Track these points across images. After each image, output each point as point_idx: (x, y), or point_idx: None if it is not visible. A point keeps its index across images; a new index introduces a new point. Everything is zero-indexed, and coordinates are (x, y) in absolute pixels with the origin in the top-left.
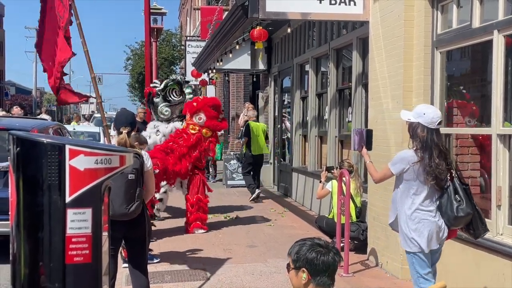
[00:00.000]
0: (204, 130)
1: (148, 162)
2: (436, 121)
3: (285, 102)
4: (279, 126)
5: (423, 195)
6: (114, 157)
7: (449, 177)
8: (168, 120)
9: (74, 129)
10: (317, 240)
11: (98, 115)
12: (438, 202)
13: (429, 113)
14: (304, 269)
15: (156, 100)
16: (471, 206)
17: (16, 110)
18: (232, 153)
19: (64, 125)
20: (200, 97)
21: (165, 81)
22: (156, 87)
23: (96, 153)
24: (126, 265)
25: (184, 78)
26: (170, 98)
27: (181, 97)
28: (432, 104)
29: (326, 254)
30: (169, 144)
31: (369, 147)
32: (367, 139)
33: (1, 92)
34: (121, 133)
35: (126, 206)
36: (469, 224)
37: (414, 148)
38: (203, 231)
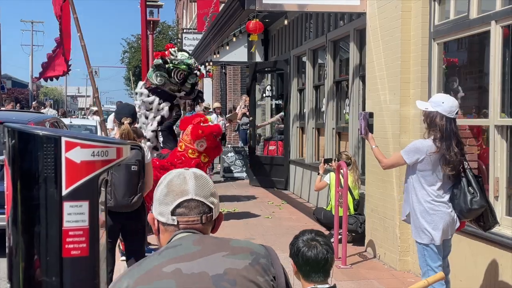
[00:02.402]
0: (202, 157)
1: (148, 155)
2: (455, 111)
3: (265, 94)
4: None
5: (437, 186)
6: (111, 149)
7: (461, 169)
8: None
9: (71, 122)
10: (314, 234)
11: (95, 108)
12: (449, 194)
13: (448, 102)
14: (291, 260)
15: (158, 62)
16: (485, 199)
17: None
18: (229, 145)
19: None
20: (207, 118)
21: (182, 56)
22: (172, 56)
23: (92, 145)
24: (124, 258)
25: (197, 66)
26: (173, 77)
27: (180, 85)
28: (429, 96)
29: (311, 249)
30: (168, 164)
31: (371, 130)
32: (369, 123)
33: None
34: (123, 124)
35: (128, 198)
36: (479, 217)
37: (432, 138)
38: None
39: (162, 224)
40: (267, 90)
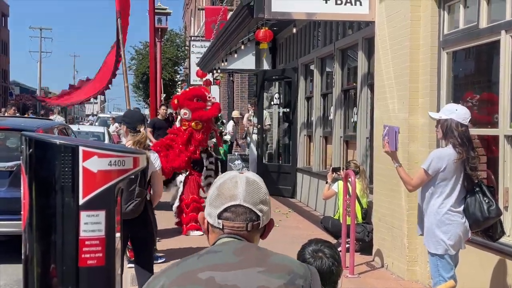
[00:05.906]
0: (193, 124)
1: (156, 163)
2: (468, 118)
3: (273, 102)
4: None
5: (455, 196)
6: (128, 158)
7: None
8: None
9: (79, 129)
10: (321, 245)
11: (102, 115)
12: (463, 204)
13: (461, 109)
14: None
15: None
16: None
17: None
18: (236, 153)
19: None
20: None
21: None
22: None
23: (109, 155)
24: (132, 265)
25: None
26: None
27: None
28: (438, 105)
29: (316, 260)
30: (168, 141)
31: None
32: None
33: (5, 92)
34: (138, 131)
35: (124, 205)
36: (488, 227)
37: (451, 145)
38: (200, 233)
39: (210, 225)
40: (275, 98)
